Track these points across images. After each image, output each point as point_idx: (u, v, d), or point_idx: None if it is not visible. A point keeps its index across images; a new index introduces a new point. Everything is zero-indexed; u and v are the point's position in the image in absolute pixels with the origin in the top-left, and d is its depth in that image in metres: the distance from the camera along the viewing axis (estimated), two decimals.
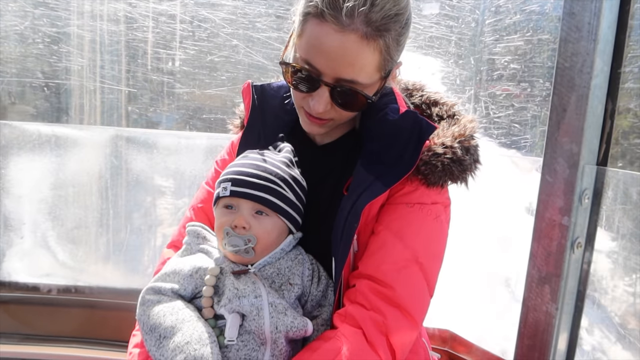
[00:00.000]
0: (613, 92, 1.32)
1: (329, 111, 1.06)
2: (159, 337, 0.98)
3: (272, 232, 1.06)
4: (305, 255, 1.11)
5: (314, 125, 1.11)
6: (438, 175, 1.06)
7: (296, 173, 1.12)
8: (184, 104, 2.00)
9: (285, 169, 1.10)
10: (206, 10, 1.93)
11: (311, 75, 1.01)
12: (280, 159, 1.11)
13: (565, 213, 1.36)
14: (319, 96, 1.03)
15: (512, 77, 1.68)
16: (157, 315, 1.01)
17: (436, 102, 1.22)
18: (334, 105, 1.04)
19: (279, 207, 1.06)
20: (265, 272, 1.06)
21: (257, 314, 0.98)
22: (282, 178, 1.07)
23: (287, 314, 1.00)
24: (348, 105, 1.05)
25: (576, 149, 1.34)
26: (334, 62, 0.98)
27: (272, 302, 1.00)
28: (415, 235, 1.06)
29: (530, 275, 1.47)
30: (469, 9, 1.79)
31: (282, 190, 1.06)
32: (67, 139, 2.04)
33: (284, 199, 1.07)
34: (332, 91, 1.02)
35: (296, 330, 1.00)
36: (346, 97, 1.03)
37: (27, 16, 1.94)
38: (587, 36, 1.31)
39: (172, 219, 2.07)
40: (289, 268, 1.07)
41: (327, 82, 1.01)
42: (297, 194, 1.10)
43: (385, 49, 0.99)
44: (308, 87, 1.03)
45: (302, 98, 1.07)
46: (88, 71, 2.00)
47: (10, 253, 2.10)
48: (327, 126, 1.12)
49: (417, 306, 1.04)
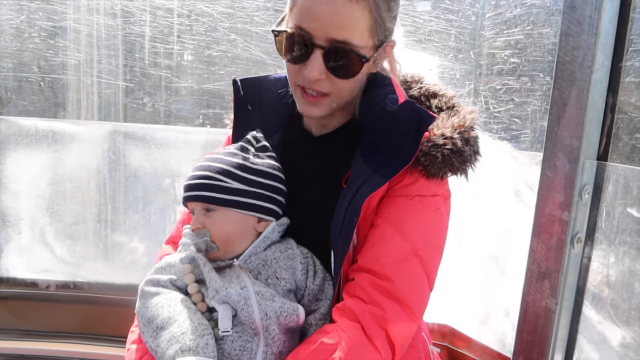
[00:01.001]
0: (614, 86, 1.31)
1: (324, 82, 1.05)
2: (155, 328, 0.99)
3: (225, 224, 1.07)
4: (297, 250, 1.10)
5: (310, 105, 1.09)
6: (438, 167, 1.05)
7: (244, 160, 1.10)
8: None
9: (230, 160, 1.09)
10: (204, 3, 1.92)
11: (304, 39, 1.02)
12: (226, 151, 1.12)
13: (565, 208, 1.36)
14: (312, 61, 1.03)
15: (512, 71, 1.68)
16: (155, 307, 1.02)
17: (435, 93, 1.21)
18: (328, 73, 1.04)
19: (221, 199, 1.06)
20: (250, 264, 1.07)
21: (245, 303, 0.99)
22: (221, 171, 1.07)
23: (275, 300, 1.01)
24: (342, 69, 1.04)
25: (576, 143, 1.34)
26: (326, 23, 1.00)
27: (258, 291, 1.01)
28: (414, 228, 1.05)
29: (529, 270, 1.47)
30: (469, 3, 1.78)
31: (221, 183, 1.06)
32: (65, 134, 2.03)
33: (226, 190, 1.06)
34: (325, 55, 1.02)
35: (287, 315, 1.00)
36: (340, 59, 1.02)
37: (23, 10, 1.93)
38: (588, 30, 1.30)
39: (170, 214, 2.06)
40: (275, 260, 1.07)
41: (320, 44, 1.02)
42: (249, 180, 1.08)
43: (375, 8, 1.01)
44: (301, 53, 1.04)
45: (297, 72, 1.07)
46: (85, 66, 1.98)
47: (8, 249, 2.09)
48: (325, 105, 1.10)
49: (416, 299, 1.04)
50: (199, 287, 1.05)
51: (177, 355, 0.92)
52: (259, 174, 1.10)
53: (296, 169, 1.19)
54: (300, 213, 1.15)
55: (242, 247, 1.09)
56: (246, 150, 1.13)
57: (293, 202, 1.16)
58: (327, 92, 1.07)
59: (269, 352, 1.00)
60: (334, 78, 1.05)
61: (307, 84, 1.06)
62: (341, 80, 1.06)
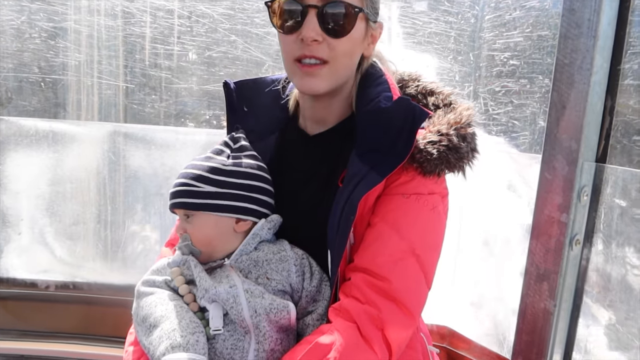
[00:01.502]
0: (612, 88, 1.32)
1: (321, 47, 1.05)
2: (149, 326, 1.00)
3: (202, 228, 1.08)
4: (291, 252, 1.10)
5: (308, 76, 1.08)
6: (434, 164, 1.05)
7: (218, 162, 1.11)
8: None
9: (203, 164, 1.10)
10: (204, 5, 1.92)
11: (296, 2, 1.04)
12: (202, 156, 1.13)
13: (564, 210, 1.36)
14: (307, 22, 1.03)
15: (511, 73, 1.68)
16: (149, 306, 1.03)
17: (432, 91, 1.21)
18: (324, 35, 1.04)
19: (194, 204, 1.08)
20: (242, 264, 1.08)
21: (234, 301, 1.00)
22: (194, 176, 1.08)
23: (264, 297, 1.01)
24: (337, 24, 1.04)
25: (575, 145, 1.34)
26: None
27: (247, 289, 1.01)
28: (411, 226, 1.05)
29: (528, 271, 1.47)
30: (469, 5, 1.78)
31: (194, 188, 1.08)
32: (65, 134, 2.03)
33: (199, 194, 1.08)
34: (319, 13, 1.03)
35: (277, 312, 1.01)
36: (334, 14, 1.03)
37: (24, 10, 1.93)
38: (586, 33, 1.30)
39: (170, 215, 2.06)
40: (267, 261, 1.07)
41: (313, 4, 1.03)
42: (222, 182, 1.09)
43: None
44: (295, 18, 1.05)
45: (292, 42, 1.07)
46: (85, 66, 1.99)
47: (8, 249, 2.09)
48: (324, 75, 1.08)
49: (413, 299, 1.04)
50: (190, 288, 1.06)
51: (167, 351, 0.93)
52: (233, 175, 1.10)
53: (292, 168, 1.19)
54: (297, 212, 1.15)
55: (225, 250, 1.10)
56: (221, 153, 1.13)
57: (289, 201, 1.16)
58: (326, 58, 1.06)
59: (261, 350, 1.00)
60: (331, 40, 1.05)
61: (304, 49, 1.05)
62: (338, 41, 1.05)
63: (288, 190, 1.17)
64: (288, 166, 1.19)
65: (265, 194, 1.13)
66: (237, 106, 1.23)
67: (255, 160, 1.14)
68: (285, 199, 1.16)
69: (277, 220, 1.13)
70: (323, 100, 1.15)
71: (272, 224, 1.12)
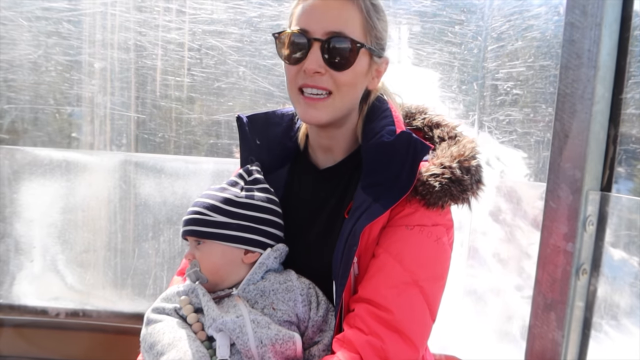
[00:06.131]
0: (615, 117, 1.32)
1: (325, 78, 1.08)
2: (156, 353, 1.01)
3: (210, 256, 1.11)
4: (297, 282, 1.11)
5: (311, 107, 1.11)
6: (437, 196, 1.06)
7: (232, 194, 1.14)
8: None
9: (218, 194, 1.14)
10: (214, 38, 1.98)
11: (302, 36, 1.08)
12: (217, 187, 1.16)
13: (570, 239, 1.35)
14: (311, 54, 1.07)
15: (514, 102, 1.69)
16: (157, 333, 1.05)
17: (438, 124, 1.23)
18: (327, 67, 1.07)
19: (205, 232, 1.11)
20: (249, 293, 1.09)
21: (240, 331, 1.01)
22: (208, 206, 1.12)
23: (270, 328, 1.02)
24: (340, 57, 1.08)
25: (579, 174, 1.34)
26: (321, 19, 1.07)
27: (254, 319, 1.02)
28: (415, 257, 1.06)
29: (535, 301, 1.45)
30: (471, 36, 1.81)
31: (207, 217, 1.11)
32: (78, 164, 2.08)
33: (212, 224, 1.11)
34: (322, 46, 1.07)
35: (282, 342, 1.01)
36: (336, 48, 1.07)
37: (41, 45, 2.00)
38: (587, 63, 1.32)
39: (179, 243, 2.09)
40: (274, 291, 1.09)
41: (317, 37, 1.07)
42: (234, 214, 1.12)
43: (365, 10, 1.09)
44: (300, 50, 1.08)
45: (296, 73, 1.11)
46: (99, 98, 2.04)
47: (20, 276, 2.12)
48: (326, 107, 1.11)
49: (417, 330, 1.04)
50: (198, 316, 1.07)
51: None
52: (245, 207, 1.13)
53: (302, 201, 1.21)
54: (305, 243, 1.17)
55: (231, 280, 1.12)
56: (235, 184, 1.16)
57: (298, 232, 1.18)
58: (329, 89, 1.10)
59: None
60: (334, 72, 1.08)
61: (307, 79, 1.09)
62: (340, 73, 1.09)
63: (297, 221, 1.19)
64: (298, 199, 1.22)
65: (275, 227, 1.15)
66: (249, 139, 1.26)
67: (268, 193, 1.17)
68: (293, 230, 1.18)
69: (283, 250, 1.14)
70: (328, 130, 1.18)
71: (278, 252, 1.13)
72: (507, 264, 1.79)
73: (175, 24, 1.97)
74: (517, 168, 1.70)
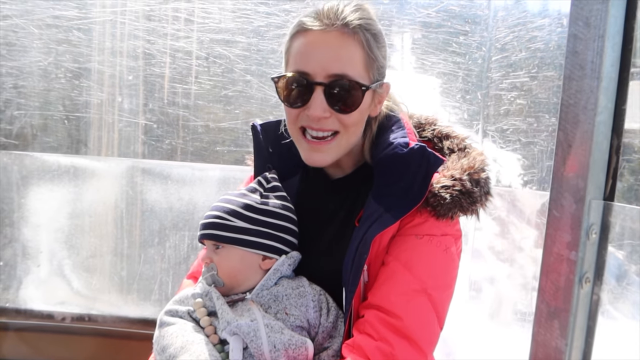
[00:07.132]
0: (618, 128, 1.33)
1: (328, 120, 1.09)
2: (169, 356, 1.02)
3: (229, 260, 1.12)
4: (309, 287, 1.13)
5: (314, 151, 1.13)
6: (447, 207, 1.08)
7: (252, 200, 1.15)
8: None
9: (238, 200, 1.15)
10: (221, 46, 2.00)
11: (303, 80, 1.06)
12: (237, 192, 1.17)
13: (573, 248, 1.36)
14: (314, 100, 1.06)
15: (518, 112, 1.71)
16: (170, 336, 1.05)
17: (447, 135, 1.25)
18: (332, 111, 1.07)
19: (225, 237, 1.12)
20: (262, 298, 1.10)
21: (254, 335, 1.02)
22: (229, 211, 1.13)
23: (284, 333, 1.03)
24: (344, 101, 1.07)
25: (582, 184, 1.35)
26: (322, 60, 1.05)
27: (267, 324, 1.03)
28: (424, 266, 1.07)
29: (539, 310, 1.46)
30: (476, 46, 1.83)
31: (227, 222, 1.12)
32: (86, 169, 2.10)
33: (232, 229, 1.11)
34: (326, 90, 1.06)
35: (295, 348, 1.02)
36: (341, 92, 1.06)
37: (51, 52, 2.03)
38: (590, 74, 1.33)
39: (186, 248, 2.10)
40: (287, 297, 1.10)
41: (320, 82, 1.06)
42: (254, 220, 1.13)
43: (366, 43, 1.07)
44: (302, 95, 1.08)
45: (297, 115, 1.10)
46: (107, 105, 2.07)
47: (27, 281, 2.14)
48: (331, 148, 1.13)
49: (425, 337, 1.05)
50: (211, 320, 1.08)
51: None
52: (264, 214, 1.14)
53: (313, 209, 1.23)
54: (316, 250, 1.18)
55: (247, 284, 1.13)
56: (255, 191, 1.18)
57: (309, 239, 1.19)
58: (336, 130, 1.11)
59: None
60: (339, 115, 1.09)
61: (313, 124, 1.09)
62: (346, 115, 1.09)
63: (309, 229, 1.20)
64: (310, 207, 1.23)
65: (291, 234, 1.17)
66: (263, 147, 1.28)
67: (285, 200, 1.19)
68: (305, 237, 1.20)
69: (297, 257, 1.16)
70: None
71: (292, 260, 1.15)
72: (503, 256, 1.80)
73: (183, 33, 2.00)
74: (520, 177, 1.71)
